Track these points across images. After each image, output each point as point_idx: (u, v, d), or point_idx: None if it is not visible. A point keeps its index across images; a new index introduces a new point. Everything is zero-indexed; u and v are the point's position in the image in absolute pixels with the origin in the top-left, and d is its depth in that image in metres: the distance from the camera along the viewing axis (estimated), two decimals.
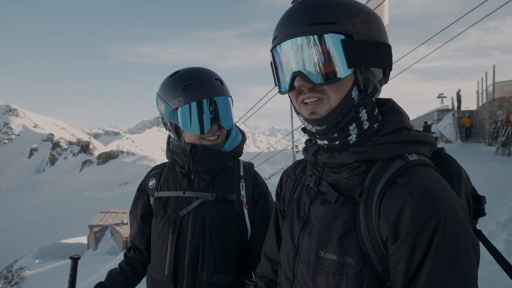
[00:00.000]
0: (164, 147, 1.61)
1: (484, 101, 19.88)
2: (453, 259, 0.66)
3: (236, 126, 1.52)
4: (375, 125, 0.83)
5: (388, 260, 0.74)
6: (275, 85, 0.89)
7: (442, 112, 25.37)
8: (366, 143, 0.81)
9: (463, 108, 22.82)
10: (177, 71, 1.41)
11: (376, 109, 0.86)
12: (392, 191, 0.74)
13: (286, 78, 0.83)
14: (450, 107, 24.24)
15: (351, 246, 0.77)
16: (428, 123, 20.20)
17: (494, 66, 19.19)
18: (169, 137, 1.54)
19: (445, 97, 29.56)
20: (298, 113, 0.86)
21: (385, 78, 0.86)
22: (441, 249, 0.66)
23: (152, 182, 1.50)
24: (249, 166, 1.52)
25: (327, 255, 0.80)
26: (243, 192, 1.41)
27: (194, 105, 1.32)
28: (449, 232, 0.67)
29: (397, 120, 0.82)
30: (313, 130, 0.84)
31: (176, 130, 1.41)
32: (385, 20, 6.76)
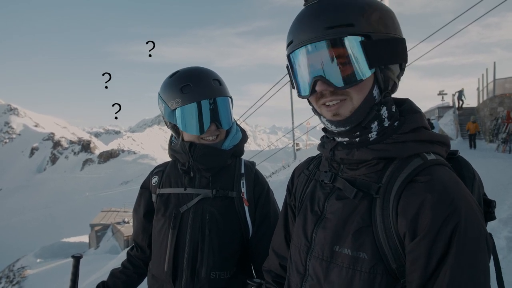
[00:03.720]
0: (165, 145, 1.62)
1: (485, 98, 19.83)
2: (474, 258, 0.68)
3: (237, 124, 1.52)
4: (395, 123, 0.84)
5: (404, 258, 0.74)
6: (293, 88, 0.90)
7: (442, 109, 25.36)
8: (386, 141, 0.81)
9: (464, 105, 22.74)
10: (177, 71, 1.41)
11: (394, 107, 0.86)
12: (411, 188, 0.75)
13: (306, 83, 0.83)
14: (451, 104, 24.18)
15: (366, 242, 0.78)
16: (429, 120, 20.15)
17: (494, 63, 19.12)
18: (171, 135, 1.55)
19: (445, 94, 29.53)
20: (319, 114, 0.87)
21: (402, 72, 0.86)
22: (462, 247, 0.68)
23: (155, 180, 1.51)
24: (250, 165, 1.51)
25: (342, 249, 0.81)
26: (243, 190, 1.41)
27: (191, 106, 1.33)
28: (469, 231, 0.68)
29: (416, 119, 0.83)
30: (336, 131, 0.85)
31: (176, 129, 1.43)
32: None
